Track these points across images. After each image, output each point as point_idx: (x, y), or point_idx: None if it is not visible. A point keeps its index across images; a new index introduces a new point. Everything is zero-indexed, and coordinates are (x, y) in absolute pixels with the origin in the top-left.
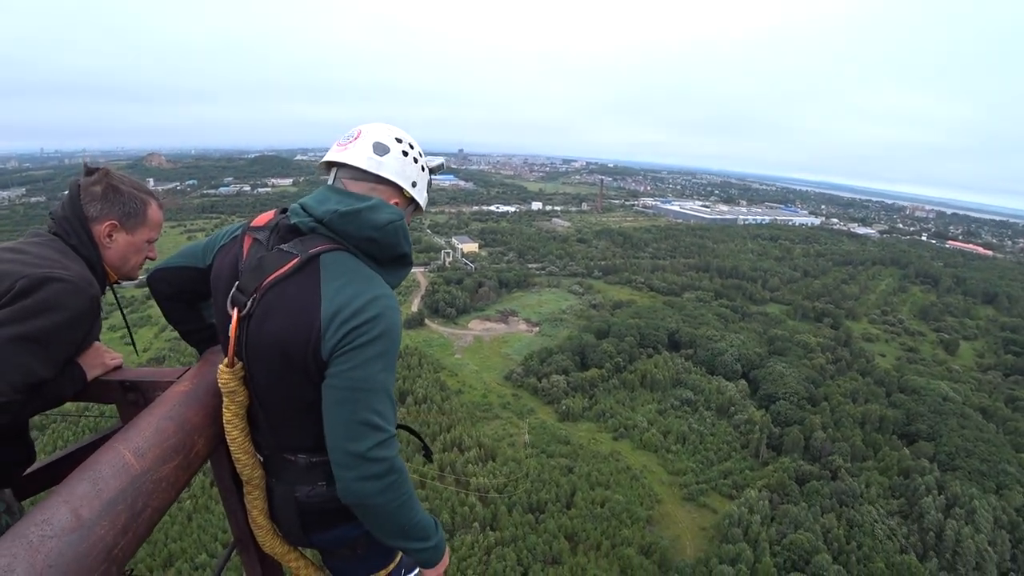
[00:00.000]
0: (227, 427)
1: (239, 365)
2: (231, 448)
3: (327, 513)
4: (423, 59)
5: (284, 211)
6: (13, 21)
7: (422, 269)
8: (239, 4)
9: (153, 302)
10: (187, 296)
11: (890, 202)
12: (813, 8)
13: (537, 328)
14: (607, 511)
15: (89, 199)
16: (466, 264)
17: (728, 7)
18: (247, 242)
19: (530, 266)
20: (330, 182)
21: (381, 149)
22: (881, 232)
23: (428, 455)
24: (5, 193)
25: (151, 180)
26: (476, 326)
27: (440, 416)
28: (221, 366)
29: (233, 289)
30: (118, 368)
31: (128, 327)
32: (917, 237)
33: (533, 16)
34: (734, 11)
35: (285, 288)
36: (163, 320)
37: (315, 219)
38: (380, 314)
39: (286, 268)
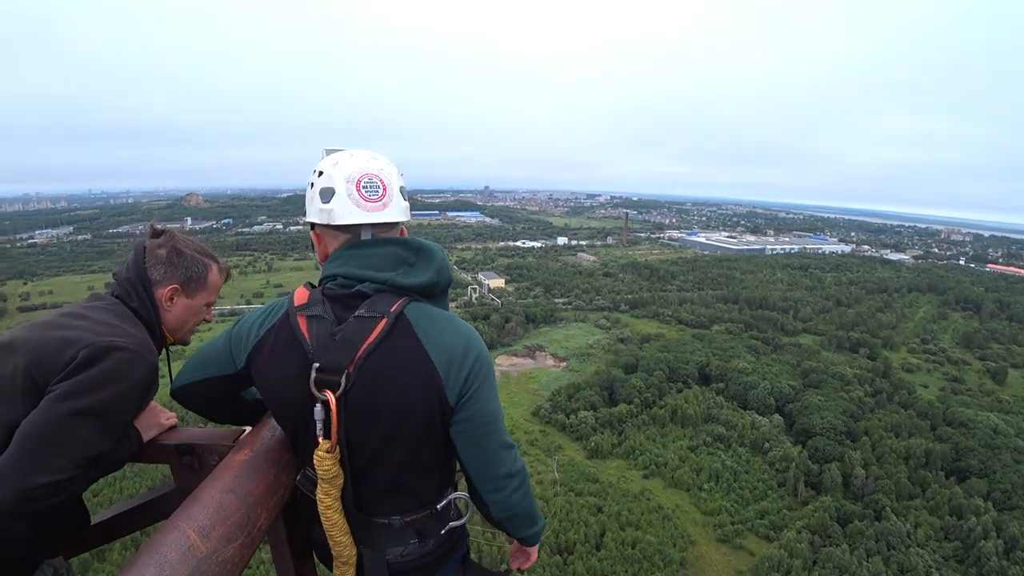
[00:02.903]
0: (327, 512)
1: (337, 449)
2: (330, 532)
3: (415, 570)
4: (452, 100)
5: (313, 285)
6: (69, 75)
7: (449, 305)
8: (280, 54)
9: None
10: (225, 402)
11: (923, 226)
12: (822, 40)
13: (564, 363)
14: (638, 552)
15: (154, 262)
16: (493, 299)
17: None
18: (302, 323)
19: (556, 301)
20: (364, 237)
21: (405, 192)
22: (915, 257)
23: None
24: (55, 231)
25: (189, 219)
26: (503, 361)
27: None
28: (321, 453)
29: (314, 373)
30: (173, 428)
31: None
32: (954, 261)
33: (557, 58)
34: (745, 47)
35: (386, 352)
36: None
37: (377, 284)
38: (480, 352)
39: (378, 331)
